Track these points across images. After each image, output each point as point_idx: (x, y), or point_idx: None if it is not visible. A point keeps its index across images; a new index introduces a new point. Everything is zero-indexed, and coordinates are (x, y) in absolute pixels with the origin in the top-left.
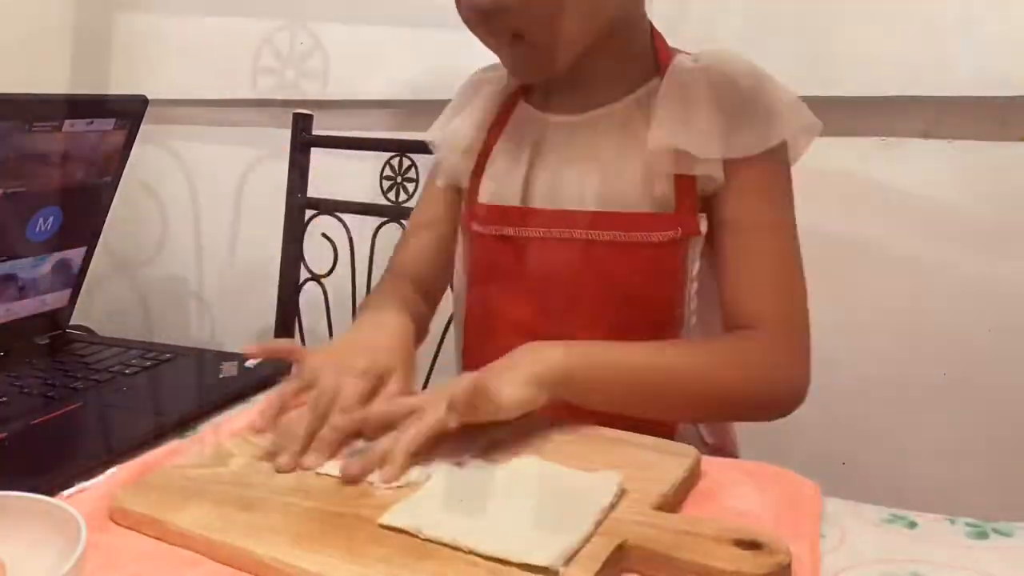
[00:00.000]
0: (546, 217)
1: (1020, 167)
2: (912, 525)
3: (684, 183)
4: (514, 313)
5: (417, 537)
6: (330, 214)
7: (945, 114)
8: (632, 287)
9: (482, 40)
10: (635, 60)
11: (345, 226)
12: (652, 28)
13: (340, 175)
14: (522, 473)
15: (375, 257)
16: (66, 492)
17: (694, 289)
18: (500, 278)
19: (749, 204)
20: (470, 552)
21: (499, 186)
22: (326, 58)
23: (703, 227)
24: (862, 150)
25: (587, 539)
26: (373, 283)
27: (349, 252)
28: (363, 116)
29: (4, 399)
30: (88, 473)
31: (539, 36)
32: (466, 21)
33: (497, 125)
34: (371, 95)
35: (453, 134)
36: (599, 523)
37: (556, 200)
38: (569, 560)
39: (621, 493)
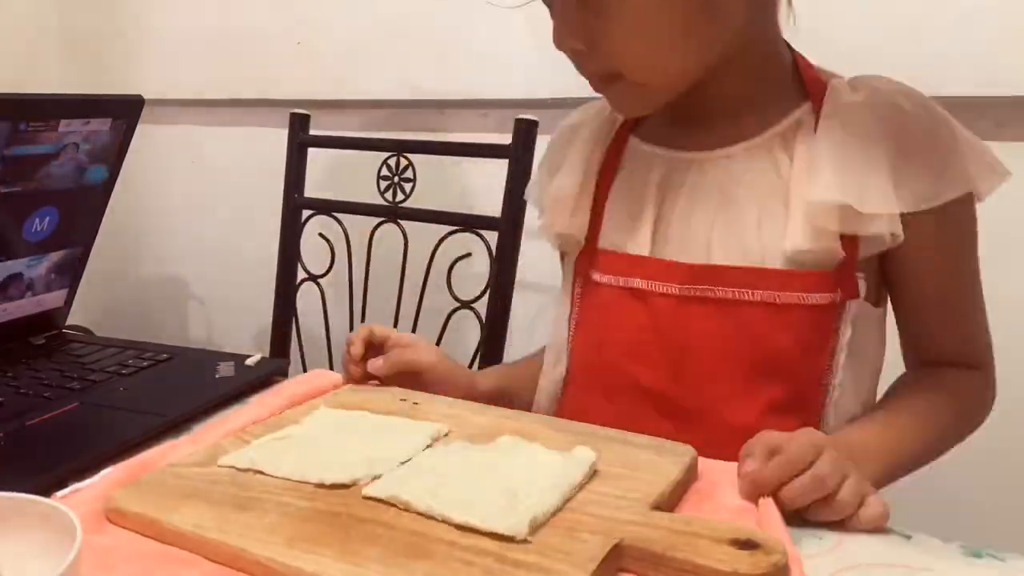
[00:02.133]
0: (685, 272)
1: (1016, 168)
2: (907, 537)
3: (848, 239)
4: (641, 374)
5: (395, 506)
6: (327, 214)
7: None
8: (780, 354)
9: (585, 77)
10: (773, 87)
11: (342, 226)
12: (793, 50)
13: (337, 175)
14: (500, 451)
15: (372, 257)
16: (61, 492)
17: (843, 358)
18: (623, 332)
19: (945, 259)
20: (443, 520)
21: (622, 232)
22: (323, 58)
23: (862, 289)
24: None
25: (553, 512)
26: (370, 283)
27: (346, 252)
28: (360, 116)
29: (1, 399)
30: (84, 473)
31: (637, 75)
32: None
33: (608, 166)
34: (368, 95)
35: (562, 192)
36: (568, 498)
37: (687, 250)
38: (535, 531)
39: (593, 472)
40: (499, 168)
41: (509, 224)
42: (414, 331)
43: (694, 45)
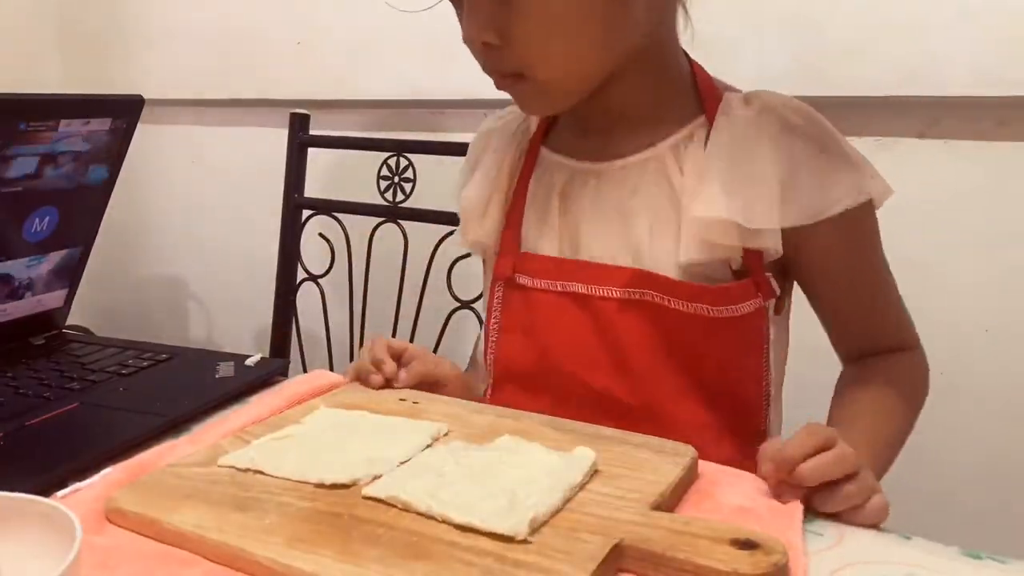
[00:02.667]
0: (596, 273)
1: (1016, 167)
2: (906, 537)
3: (754, 249)
4: (590, 377)
5: (395, 506)
6: (327, 214)
7: (942, 114)
8: (718, 358)
9: (487, 73)
10: (670, 97)
11: (342, 226)
12: (691, 60)
13: (337, 175)
14: (501, 451)
15: (372, 257)
16: (61, 492)
17: (772, 357)
18: (565, 335)
19: (852, 258)
20: (443, 520)
21: (536, 236)
22: (323, 58)
23: (776, 287)
24: (859, 150)
25: (554, 512)
26: (370, 283)
27: (346, 252)
28: (360, 116)
29: (0, 399)
30: (84, 473)
31: (540, 73)
32: (474, 55)
33: (523, 174)
34: (368, 95)
35: (470, 202)
36: (568, 498)
37: (591, 257)
38: (535, 531)
39: (593, 472)
40: None
41: None
42: (414, 331)
43: (602, 41)
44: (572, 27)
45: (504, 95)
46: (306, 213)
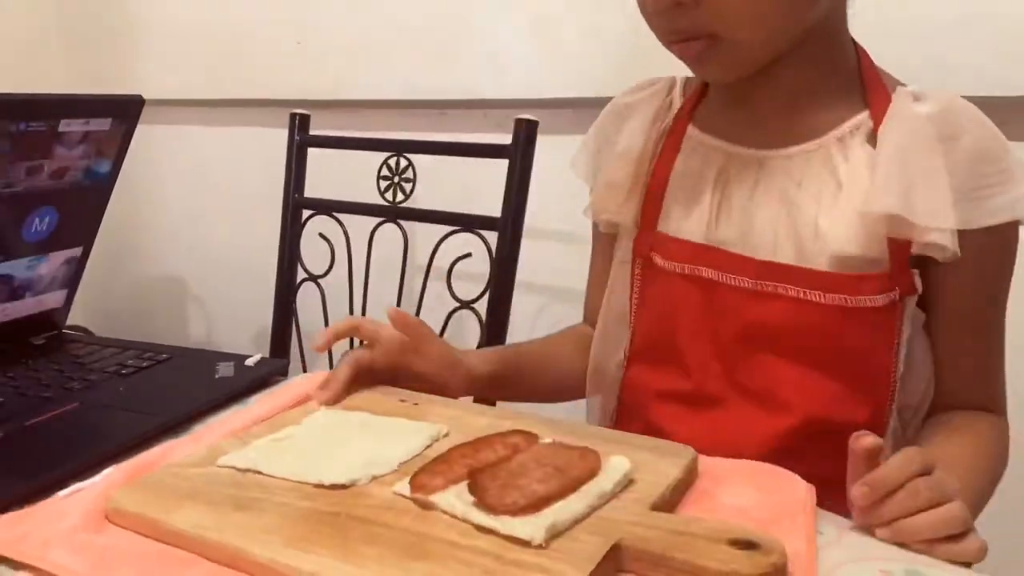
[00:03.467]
0: (756, 267)
1: None
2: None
3: (899, 244)
4: (709, 363)
5: (393, 507)
6: (327, 214)
7: None
8: (847, 351)
9: (665, 37)
10: (834, 84)
11: (342, 226)
12: (859, 49)
13: (337, 175)
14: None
15: (372, 257)
16: (62, 492)
17: (903, 354)
18: (689, 318)
19: (981, 282)
20: (465, 521)
21: (681, 219)
22: (323, 58)
23: (919, 286)
24: None
25: (577, 520)
26: (370, 283)
27: (346, 252)
28: (360, 116)
29: (0, 399)
30: (84, 473)
31: (733, 33)
32: (650, 17)
33: (667, 151)
34: (368, 95)
35: (609, 174)
36: (594, 507)
37: (749, 244)
38: (554, 536)
39: (628, 483)
40: (499, 168)
41: (509, 224)
42: None
43: (797, 9)
44: None
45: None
46: (306, 213)
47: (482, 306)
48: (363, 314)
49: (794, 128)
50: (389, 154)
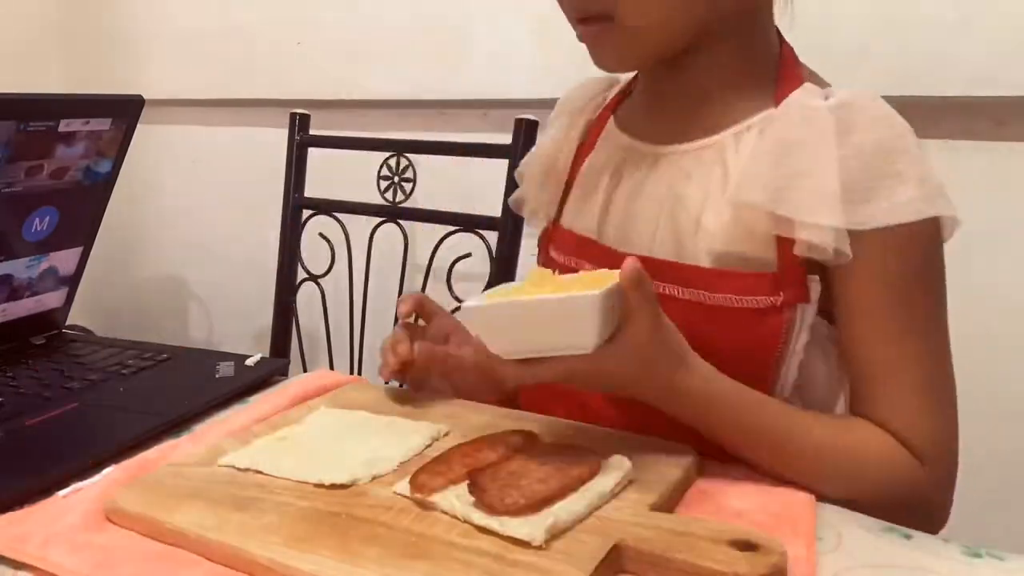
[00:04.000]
0: (619, 261)
1: (1016, 167)
2: (907, 537)
3: (785, 242)
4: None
5: (393, 507)
6: (327, 214)
7: (942, 114)
8: (716, 352)
9: (569, 13)
10: (751, 81)
11: (342, 226)
12: (784, 44)
13: (337, 175)
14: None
15: (372, 257)
16: (63, 492)
17: (794, 364)
18: None
19: (886, 288)
20: (465, 521)
21: (577, 212)
22: (323, 58)
23: (814, 294)
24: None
25: (577, 520)
26: (370, 283)
27: (346, 252)
28: (360, 116)
29: (0, 399)
30: (85, 473)
31: (630, 18)
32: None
33: (586, 146)
34: (368, 95)
35: (525, 166)
36: (595, 507)
37: (627, 240)
38: (554, 537)
39: (628, 483)
40: (499, 168)
41: (509, 224)
42: None
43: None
44: None
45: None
46: (306, 213)
47: None
48: (363, 314)
49: (699, 123)
50: (389, 154)
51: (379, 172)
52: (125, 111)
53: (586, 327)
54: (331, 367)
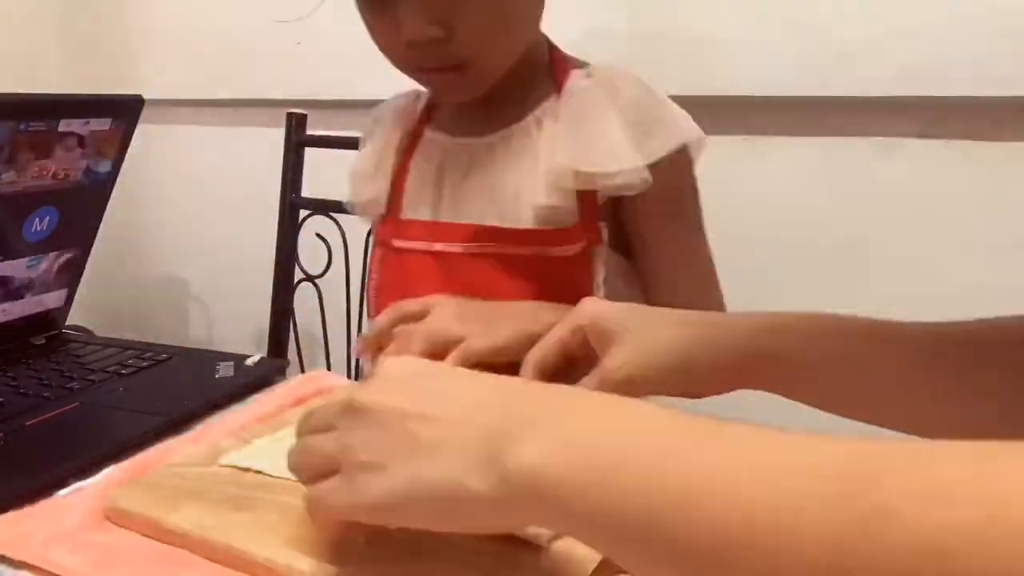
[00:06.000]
0: (456, 231)
1: (1017, 168)
2: None
3: (586, 197)
4: None
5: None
6: (324, 214)
7: (942, 114)
8: (550, 299)
9: (416, 69)
10: (536, 79)
11: (339, 226)
12: (549, 43)
13: (334, 175)
14: None
15: (369, 257)
16: (62, 492)
17: (602, 295)
18: (423, 291)
19: (671, 210)
20: None
21: (416, 204)
22: (322, 58)
23: (604, 236)
24: (858, 151)
25: None
26: (367, 284)
27: (343, 252)
28: (357, 116)
29: (0, 399)
30: (84, 473)
31: (482, 63)
32: (399, 57)
33: (407, 150)
34: (367, 95)
35: (357, 172)
36: None
37: (458, 216)
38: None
39: None
40: None
41: None
42: None
43: (527, 30)
44: (512, 16)
45: None
46: (303, 213)
47: None
48: (360, 314)
49: (500, 117)
50: None
51: None
52: (125, 111)
53: None
54: (328, 367)
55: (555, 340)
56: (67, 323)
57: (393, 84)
